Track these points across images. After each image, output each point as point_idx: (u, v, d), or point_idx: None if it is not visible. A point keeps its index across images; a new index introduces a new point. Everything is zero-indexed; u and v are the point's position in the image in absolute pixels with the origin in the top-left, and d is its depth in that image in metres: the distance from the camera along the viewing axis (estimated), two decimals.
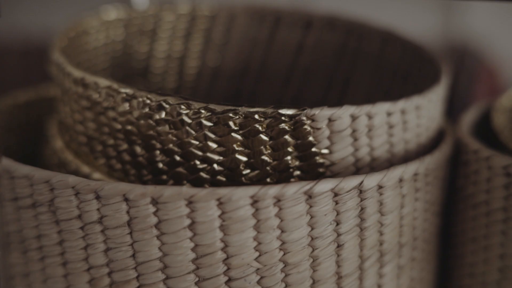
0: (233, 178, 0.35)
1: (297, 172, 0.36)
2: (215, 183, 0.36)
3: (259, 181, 0.36)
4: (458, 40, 0.91)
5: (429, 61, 0.43)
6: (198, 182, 0.36)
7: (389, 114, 0.36)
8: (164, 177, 0.36)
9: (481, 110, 0.44)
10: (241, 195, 0.32)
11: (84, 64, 0.45)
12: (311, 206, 0.33)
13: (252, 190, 0.32)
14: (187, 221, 0.32)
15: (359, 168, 0.37)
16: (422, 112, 0.38)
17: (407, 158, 0.38)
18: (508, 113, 0.44)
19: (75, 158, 0.39)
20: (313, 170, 0.36)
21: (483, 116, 0.45)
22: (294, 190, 0.33)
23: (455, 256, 0.41)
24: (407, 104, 0.37)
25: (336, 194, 0.34)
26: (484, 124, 0.45)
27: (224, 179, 0.36)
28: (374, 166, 0.37)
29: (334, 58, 0.50)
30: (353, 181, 0.34)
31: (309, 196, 0.33)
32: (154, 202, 0.32)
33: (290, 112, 0.34)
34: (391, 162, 0.37)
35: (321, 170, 0.36)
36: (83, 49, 0.45)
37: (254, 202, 0.32)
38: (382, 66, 0.48)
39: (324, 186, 0.33)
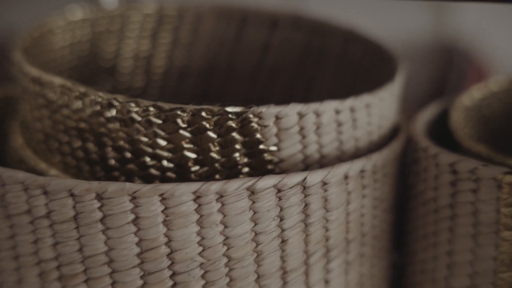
0: (182, 174, 0.36)
1: (246, 169, 0.36)
2: (165, 180, 0.36)
3: (208, 177, 0.36)
4: (448, 40, 0.91)
5: (388, 59, 0.43)
6: (148, 179, 0.36)
7: (337, 112, 0.37)
8: (116, 173, 0.37)
9: (442, 107, 0.45)
10: (184, 191, 0.33)
11: (50, 63, 0.46)
12: (254, 202, 0.34)
13: (194, 186, 0.33)
14: (131, 216, 0.33)
15: (308, 165, 0.37)
16: (373, 110, 0.39)
17: (358, 155, 0.39)
18: (466, 112, 0.45)
19: (34, 155, 0.40)
20: (261, 167, 0.36)
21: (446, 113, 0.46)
22: (236, 186, 0.33)
23: (408, 253, 0.41)
24: (357, 102, 0.38)
25: (279, 190, 0.34)
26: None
27: (174, 175, 0.36)
28: (324, 163, 0.37)
29: (300, 57, 0.50)
30: (296, 177, 0.34)
31: (252, 192, 0.34)
32: (99, 197, 0.33)
33: (237, 109, 0.35)
34: (341, 159, 0.38)
35: (269, 167, 0.36)
36: (49, 49, 0.46)
37: (197, 197, 0.33)
38: (344, 65, 0.48)
39: (267, 182, 0.34)
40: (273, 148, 0.36)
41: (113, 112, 0.36)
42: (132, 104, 0.35)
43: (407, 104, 0.50)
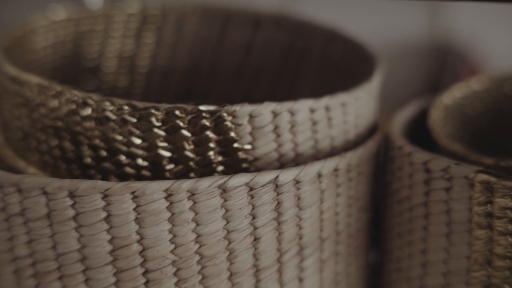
0: (157, 173, 0.36)
1: (221, 167, 0.36)
2: (140, 178, 0.36)
3: (182, 176, 0.37)
4: (442, 40, 0.91)
5: (368, 58, 0.43)
6: (124, 177, 0.37)
7: (312, 110, 0.37)
8: (92, 172, 0.37)
9: (422, 106, 0.45)
10: (155, 188, 0.33)
11: (33, 63, 0.47)
12: (225, 200, 0.34)
13: (165, 184, 0.33)
14: (103, 214, 0.33)
15: (283, 164, 0.37)
16: (349, 109, 0.39)
17: (334, 154, 0.39)
18: (447, 111, 0.45)
19: (13, 153, 0.41)
20: (236, 165, 0.36)
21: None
22: (207, 184, 0.33)
23: (384, 251, 0.41)
24: (332, 101, 0.38)
25: (251, 188, 0.34)
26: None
27: (149, 173, 0.37)
28: (299, 162, 0.38)
29: (282, 56, 0.50)
30: (268, 175, 0.34)
31: (224, 190, 0.34)
32: (71, 195, 0.33)
33: (210, 108, 0.35)
34: (317, 158, 0.38)
35: (244, 165, 0.37)
36: (31, 49, 0.46)
37: (168, 195, 0.33)
38: (326, 64, 0.48)
39: (238, 180, 0.34)
40: (248, 146, 0.36)
41: (88, 111, 0.36)
42: (107, 103, 0.36)
43: (400, 104, 0.50)
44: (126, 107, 0.35)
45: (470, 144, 0.47)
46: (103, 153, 0.37)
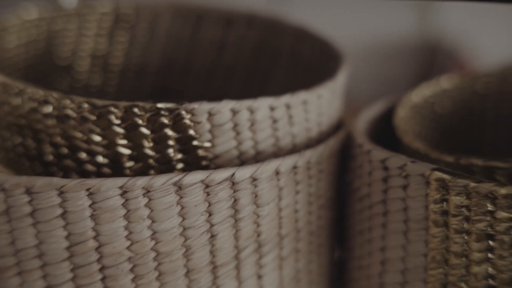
0: (118, 170, 0.37)
1: (181, 165, 0.37)
2: (101, 175, 0.37)
3: (142, 173, 0.37)
4: (432, 38, 0.91)
5: (334, 57, 0.44)
6: (85, 174, 0.37)
7: (272, 108, 0.37)
8: (54, 169, 0.38)
9: (391, 105, 0.45)
10: (110, 186, 0.33)
11: (5, 62, 0.47)
12: (181, 197, 0.34)
13: (120, 181, 0.33)
14: (59, 211, 0.34)
15: (244, 162, 0.38)
16: (310, 107, 0.39)
17: (295, 152, 0.39)
18: (416, 109, 0.45)
19: None
20: (196, 163, 0.37)
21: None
22: (162, 181, 0.34)
23: (347, 249, 0.41)
24: (292, 99, 0.38)
25: (207, 186, 0.35)
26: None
27: (109, 171, 0.37)
28: (260, 159, 0.38)
29: (254, 55, 0.51)
30: (224, 173, 0.35)
31: (179, 187, 0.34)
32: (28, 191, 0.34)
33: (168, 106, 0.35)
34: (278, 155, 0.38)
35: (204, 163, 0.37)
36: (4, 48, 0.47)
37: (124, 192, 0.34)
38: (296, 62, 0.48)
39: (193, 177, 0.34)
40: (207, 144, 0.37)
41: (49, 109, 0.37)
42: (67, 101, 0.36)
43: None
44: (85, 105, 0.36)
45: (441, 143, 0.47)
46: (64, 150, 0.37)
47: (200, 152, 0.37)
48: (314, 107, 0.39)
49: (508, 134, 0.51)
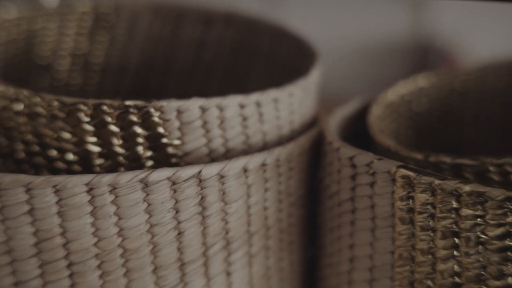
0: (88, 168, 0.37)
1: (150, 162, 0.37)
2: (71, 173, 0.37)
3: (112, 170, 0.37)
4: (425, 38, 0.90)
5: (309, 56, 0.44)
6: (56, 172, 0.37)
7: (242, 106, 0.37)
8: (26, 166, 0.38)
9: (367, 103, 0.45)
10: (76, 182, 0.34)
11: None
12: (148, 194, 0.35)
13: (86, 178, 0.34)
14: (26, 207, 0.34)
15: (214, 159, 0.38)
16: (281, 105, 0.39)
17: (267, 149, 0.39)
18: (390, 107, 0.45)
19: None
20: (166, 161, 0.37)
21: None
22: (128, 178, 0.34)
23: (319, 246, 0.41)
24: (263, 97, 0.38)
25: (174, 183, 0.35)
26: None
27: (80, 168, 0.37)
28: (230, 157, 0.38)
29: (233, 54, 0.51)
30: (190, 170, 0.35)
31: (145, 184, 0.34)
32: None
33: (137, 104, 0.36)
34: (249, 153, 0.38)
35: (174, 160, 0.37)
36: None
37: (90, 189, 0.34)
38: (273, 61, 0.49)
39: (160, 174, 0.34)
40: (177, 142, 0.37)
41: (20, 106, 0.37)
42: (37, 99, 0.36)
43: None
44: (55, 103, 0.36)
45: (418, 141, 0.47)
46: (35, 148, 0.37)
47: (170, 150, 0.37)
48: (285, 105, 0.39)
49: (488, 133, 0.51)
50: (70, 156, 0.37)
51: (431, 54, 0.91)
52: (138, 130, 0.36)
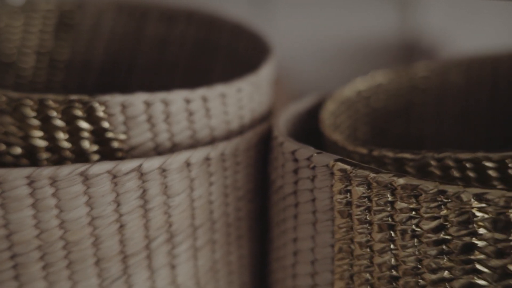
0: (35, 162, 0.37)
1: (96, 157, 0.37)
2: (19, 166, 0.38)
3: (59, 164, 0.38)
4: (412, 37, 0.90)
5: (264, 52, 0.44)
6: (5, 166, 0.38)
7: (188, 101, 0.38)
8: None
9: (322, 98, 0.45)
10: (16, 175, 0.34)
11: None
12: (88, 187, 0.35)
13: (27, 171, 0.34)
14: None
15: (161, 153, 0.38)
16: (229, 100, 0.39)
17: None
18: (344, 103, 0.45)
19: None
20: (112, 155, 0.37)
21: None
22: (68, 171, 0.34)
23: (268, 241, 0.42)
24: (209, 92, 0.39)
25: (114, 176, 0.35)
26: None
27: (28, 162, 0.38)
28: (177, 151, 0.38)
29: (195, 51, 0.51)
30: (131, 163, 0.35)
31: (85, 177, 0.35)
32: None
33: (82, 98, 0.36)
34: (196, 148, 0.39)
35: (120, 154, 0.37)
36: None
37: (31, 182, 0.34)
38: (233, 58, 0.49)
39: (100, 168, 0.35)
40: (122, 136, 0.37)
41: None
42: None
43: None
44: (3, 98, 0.36)
45: (376, 137, 0.47)
46: None
47: (115, 144, 0.37)
48: (234, 101, 0.40)
49: (449, 129, 0.51)
50: (18, 150, 0.37)
51: (417, 53, 0.91)
52: (83, 124, 0.37)
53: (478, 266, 0.33)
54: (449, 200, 0.32)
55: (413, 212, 0.33)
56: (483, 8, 0.85)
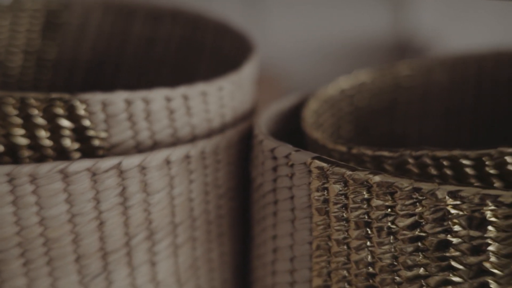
0: (17, 159, 0.38)
1: (78, 155, 0.38)
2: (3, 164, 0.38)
3: (41, 162, 0.38)
4: (405, 36, 0.91)
5: (247, 50, 0.44)
6: None
7: (168, 99, 0.38)
8: None
9: (305, 97, 0.45)
10: None
11: None
12: (68, 185, 0.35)
13: (7, 168, 0.35)
14: None
15: (141, 151, 0.38)
16: (210, 98, 0.40)
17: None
18: (327, 101, 0.45)
19: None
20: (93, 153, 0.38)
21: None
22: (47, 169, 0.35)
23: (249, 238, 0.42)
24: (190, 90, 0.39)
25: (94, 174, 0.36)
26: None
27: (10, 160, 0.38)
28: (158, 149, 0.39)
29: (181, 50, 0.52)
30: (111, 161, 0.36)
31: (65, 175, 0.35)
32: None
33: (63, 96, 0.37)
34: (177, 146, 0.39)
35: (101, 152, 0.38)
36: None
37: (11, 179, 0.35)
38: (218, 57, 0.49)
39: (79, 165, 0.35)
40: (103, 134, 0.38)
41: None
42: None
43: None
44: None
45: (360, 136, 0.48)
46: None
47: (96, 142, 0.38)
48: (215, 99, 0.40)
49: (433, 127, 0.51)
50: (0, 148, 0.38)
51: (410, 53, 0.91)
52: (64, 122, 0.37)
53: (454, 263, 0.33)
54: (424, 198, 0.33)
55: (389, 210, 0.34)
56: (475, 8, 0.86)
